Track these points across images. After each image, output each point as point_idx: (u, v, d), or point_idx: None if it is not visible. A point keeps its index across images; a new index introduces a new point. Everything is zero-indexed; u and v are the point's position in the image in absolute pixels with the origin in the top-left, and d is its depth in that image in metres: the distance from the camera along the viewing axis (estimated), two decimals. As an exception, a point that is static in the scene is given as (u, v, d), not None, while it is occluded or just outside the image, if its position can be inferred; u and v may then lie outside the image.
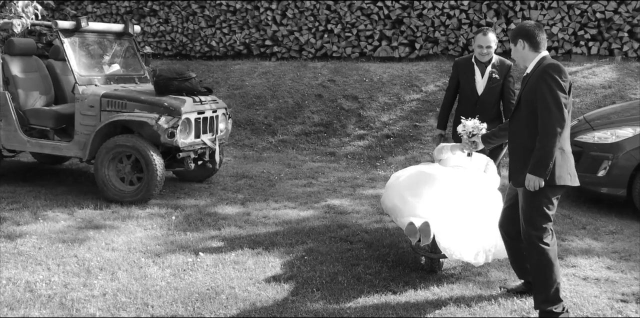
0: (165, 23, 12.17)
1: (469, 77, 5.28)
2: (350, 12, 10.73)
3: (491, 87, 5.22)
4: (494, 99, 5.28)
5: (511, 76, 5.30)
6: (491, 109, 5.25)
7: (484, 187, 4.41)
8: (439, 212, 4.10)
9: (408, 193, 4.32)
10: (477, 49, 5.17)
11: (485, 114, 5.07)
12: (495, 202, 4.31)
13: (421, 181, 4.36)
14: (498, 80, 5.22)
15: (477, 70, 5.25)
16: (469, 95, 5.29)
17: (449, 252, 3.94)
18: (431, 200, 4.19)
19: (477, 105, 5.22)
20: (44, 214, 5.60)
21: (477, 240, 4.01)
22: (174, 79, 6.32)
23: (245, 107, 9.91)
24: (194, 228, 5.34)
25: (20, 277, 4.11)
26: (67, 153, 6.49)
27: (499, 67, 5.24)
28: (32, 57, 7.18)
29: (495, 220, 4.05)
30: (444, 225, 4.00)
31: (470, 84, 5.28)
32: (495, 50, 5.22)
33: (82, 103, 6.29)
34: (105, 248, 4.76)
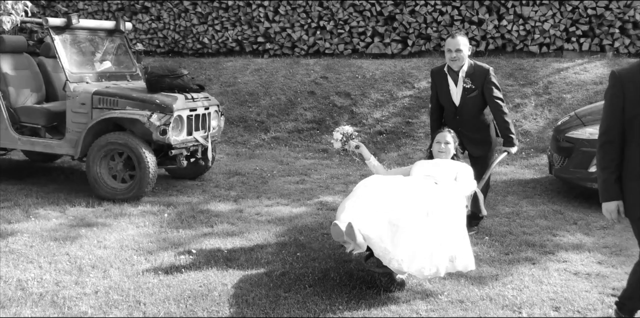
0: (157, 20, 12.13)
1: (443, 87, 4.89)
2: (343, 8, 10.72)
3: (468, 97, 4.79)
4: (475, 110, 4.86)
5: (491, 82, 4.78)
6: (473, 119, 4.89)
7: (437, 195, 3.95)
8: (373, 216, 3.72)
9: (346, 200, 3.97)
10: (447, 54, 4.73)
11: (468, 126, 4.88)
12: (453, 214, 3.90)
13: (359, 187, 4.07)
14: (473, 89, 4.76)
15: (450, 80, 4.84)
16: (448, 107, 4.94)
17: (385, 260, 3.58)
18: (365, 204, 3.81)
19: (457, 116, 4.89)
20: (35, 212, 5.58)
21: (424, 252, 3.62)
22: (165, 76, 6.31)
23: (238, 104, 9.89)
24: (186, 225, 5.33)
25: (12, 275, 4.10)
26: (58, 151, 6.46)
27: (474, 73, 4.77)
28: (22, 54, 7.14)
29: (452, 232, 3.75)
30: (378, 231, 3.63)
31: (446, 95, 4.89)
32: (468, 54, 4.76)
33: (74, 101, 6.26)
34: (97, 246, 4.75)
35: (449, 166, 4.41)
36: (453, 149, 4.58)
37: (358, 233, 3.62)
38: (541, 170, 7.38)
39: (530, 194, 6.41)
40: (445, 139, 4.57)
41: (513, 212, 5.77)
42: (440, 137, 4.60)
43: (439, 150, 4.56)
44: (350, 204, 3.85)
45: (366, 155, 4.75)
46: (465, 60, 4.72)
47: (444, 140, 4.56)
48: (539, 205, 6.01)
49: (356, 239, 3.61)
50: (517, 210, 5.82)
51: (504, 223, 5.42)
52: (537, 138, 8.33)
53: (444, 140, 4.56)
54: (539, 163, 7.69)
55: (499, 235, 5.08)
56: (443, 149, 4.54)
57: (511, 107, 8.93)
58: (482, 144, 5.00)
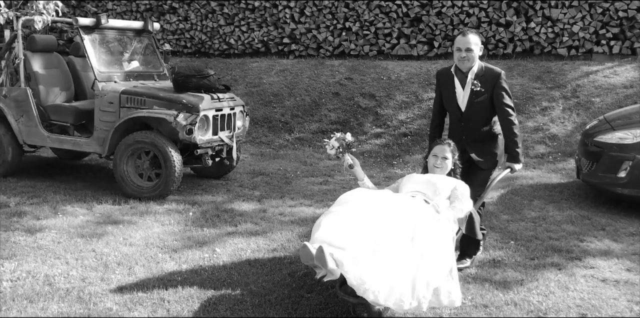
0: (184, 21, 12.24)
1: (449, 90, 4.41)
2: (369, 10, 10.70)
3: (475, 102, 4.30)
4: (482, 116, 4.36)
5: (502, 87, 4.29)
6: (480, 127, 4.38)
7: (425, 218, 3.58)
8: (350, 238, 3.33)
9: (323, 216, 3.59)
10: (456, 53, 4.27)
11: (474, 134, 4.40)
12: (442, 241, 3.50)
13: (340, 202, 3.72)
14: (482, 93, 4.27)
15: (457, 81, 4.35)
16: (453, 112, 4.46)
17: (360, 291, 3.16)
18: (342, 223, 3.43)
19: (462, 122, 4.40)
20: (63, 209, 5.67)
21: (404, 283, 3.21)
22: (192, 76, 6.36)
23: (263, 104, 9.93)
24: (210, 224, 5.37)
25: (40, 271, 4.17)
26: (86, 149, 6.56)
27: (484, 76, 4.27)
28: (53, 53, 7.26)
29: (439, 261, 3.35)
30: (354, 256, 3.23)
31: (451, 98, 4.40)
32: (479, 55, 4.28)
33: (102, 99, 6.35)
34: (123, 243, 4.81)
35: (444, 183, 3.98)
36: (451, 164, 4.15)
37: (330, 258, 3.18)
38: (568, 175, 7.27)
39: (556, 199, 6.31)
40: (443, 153, 4.13)
41: (539, 217, 5.69)
42: (438, 150, 4.16)
43: (435, 164, 4.13)
44: (327, 222, 3.45)
45: (359, 176, 4.26)
46: (476, 61, 4.27)
47: (442, 155, 4.13)
48: (565, 210, 5.92)
49: (327, 265, 3.18)
50: (543, 215, 5.75)
51: (529, 228, 5.35)
52: (565, 142, 8.21)
53: (441, 154, 4.14)
54: (566, 167, 7.58)
55: (524, 240, 5.02)
56: (439, 164, 4.12)
57: (538, 110, 8.82)
58: (488, 156, 4.44)
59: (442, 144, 4.17)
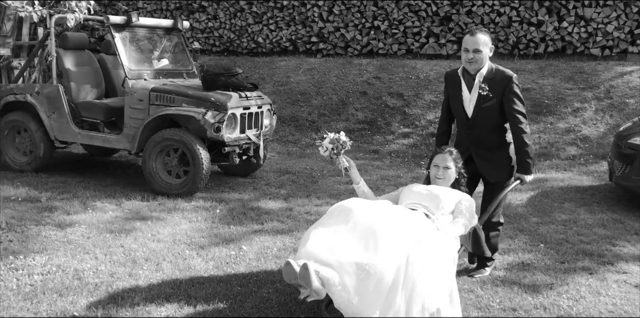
0: (213, 19, 12.32)
1: (456, 93, 4.09)
2: (398, 8, 10.64)
3: (483, 107, 3.97)
4: (490, 123, 4.03)
5: (513, 92, 3.95)
6: (488, 135, 4.06)
7: (425, 234, 3.29)
8: (339, 254, 3.07)
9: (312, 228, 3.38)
10: (463, 53, 3.94)
11: (481, 142, 4.07)
12: (441, 259, 3.24)
13: (332, 212, 3.44)
14: (490, 98, 3.93)
15: (464, 84, 4.02)
16: (460, 117, 4.13)
17: (347, 314, 3.03)
18: (331, 237, 3.20)
19: (469, 129, 4.07)
20: (93, 204, 5.75)
21: (397, 306, 3.01)
22: (221, 74, 6.39)
23: (290, 103, 9.95)
24: (237, 222, 5.39)
25: (69, 265, 4.23)
26: (116, 145, 6.64)
27: (493, 79, 3.93)
28: (84, 51, 7.37)
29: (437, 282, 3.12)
30: (342, 274, 3.00)
31: (458, 102, 4.08)
32: (489, 56, 3.95)
33: (132, 97, 6.42)
34: (151, 239, 4.85)
35: (448, 196, 3.71)
36: (454, 174, 3.85)
37: (315, 276, 2.97)
38: (600, 177, 7.12)
39: (588, 202, 6.19)
40: (445, 162, 3.83)
41: (570, 220, 5.58)
42: (439, 159, 3.86)
43: (437, 175, 3.84)
44: (315, 236, 3.23)
45: (355, 179, 4.01)
46: (485, 62, 3.93)
47: (444, 164, 3.83)
48: (597, 213, 5.80)
49: (312, 284, 2.97)
50: (574, 218, 5.64)
51: (560, 231, 5.26)
52: (597, 144, 8.05)
53: (443, 164, 3.84)
54: (598, 170, 7.43)
55: (554, 243, 4.93)
56: (441, 175, 3.83)
57: (570, 111, 8.67)
58: (497, 167, 4.12)
59: (443, 153, 3.88)
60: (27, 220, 5.14)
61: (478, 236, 3.78)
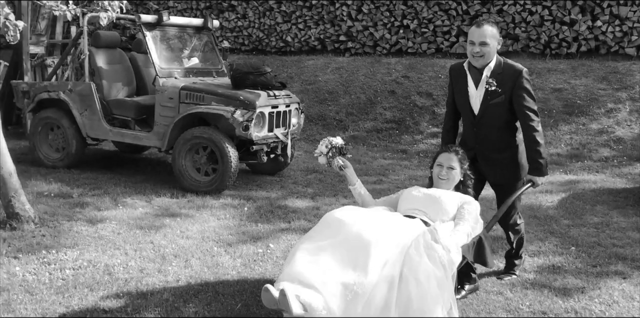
0: (242, 18, 12.39)
1: (461, 89, 3.83)
2: (428, 7, 10.56)
3: (490, 104, 3.71)
4: (498, 121, 3.77)
5: (523, 88, 3.68)
6: (496, 134, 3.80)
7: (421, 247, 3.05)
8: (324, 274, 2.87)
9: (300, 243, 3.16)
10: (469, 46, 3.67)
11: (489, 142, 3.81)
12: (437, 276, 2.97)
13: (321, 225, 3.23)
14: (499, 93, 3.67)
15: (470, 79, 3.77)
16: (466, 115, 3.88)
17: None
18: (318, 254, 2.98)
19: (476, 127, 3.82)
20: (123, 201, 5.83)
21: None
22: (250, 73, 6.43)
23: (318, 102, 9.95)
24: (264, 220, 5.41)
25: (100, 260, 4.29)
26: (146, 143, 6.72)
27: (502, 74, 3.67)
28: (116, 49, 7.47)
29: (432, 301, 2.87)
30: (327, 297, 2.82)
31: (464, 99, 3.83)
32: (497, 49, 3.69)
33: (162, 95, 6.49)
34: (180, 236, 4.90)
35: (449, 200, 3.46)
36: (459, 175, 3.61)
37: (295, 302, 2.77)
38: (634, 180, 6.97)
39: (621, 205, 6.06)
40: (449, 162, 3.59)
41: (602, 223, 5.47)
42: (443, 158, 3.62)
43: (440, 176, 3.59)
44: (300, 253, 3.02)
45: (351, 180, 3.82)
46: (493, 56, 3.66)
47: (448, 164, 3.59)
48: (631, 216, 5.67)
49: (292, 311, 2.78)
50: (606, 221, 5.52)
51: (591, 234, 5.16)
52: (631, 145, 7.88)
53: (447, 163, 3.59)
54: (632, 172, 7.27)
55: (586, 246, 4.83)
56: (444, 176, 3.58)
57: (603, 112, 8.50)
58: (507, 169, 3.87)
59: (449, 152, 3.64)
60: (59, 216, 5.24)
61: (482, 245, 3.41)
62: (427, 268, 2.96)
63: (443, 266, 3.03)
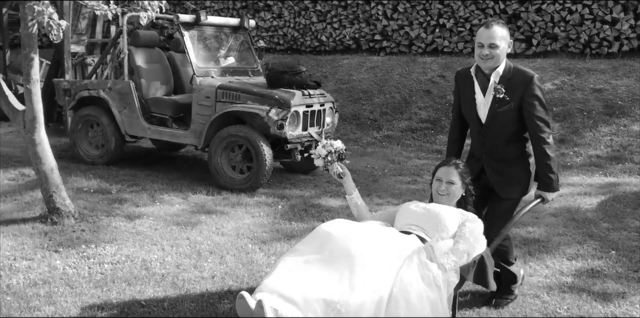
0: (278, 18, 12.45)
1: (468, 96, 3.58)
2: (464, 6, 10.44)
3: (498, 112, 3.45)
4: (507, 130, 3.49)
5: (534, 95, 3.41)
6: (505, 144, 3.53)
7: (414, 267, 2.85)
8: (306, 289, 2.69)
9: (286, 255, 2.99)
10: (477, 49, 3.43)
11: (497, 152, 3.55)
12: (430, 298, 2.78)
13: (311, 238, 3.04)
14: (507, 101, 3.41)
15: (477, 85, 3.52)
16: (473, 123, 3.62)
17: None
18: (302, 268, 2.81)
19: (484, 137, 3.56)
20: (160, 197, 5.92)
21: None
22: (285, 72, 6.46)
23: (352, 101, 9.94)
24: (298, 218, 5.43)
25: (138, 255, 4.37)
26: (183, 140, 6.82)
27: (511, 80, 3.42)
28: (154, 48, 7.60)
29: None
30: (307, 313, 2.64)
31: (470, 106, 3.58)
32: (507, 52, 3.46)
33: (199, 94, 6.57)
34: (215, 232, 4.96)
35: (450, 216, 3.21)
36: (460, 190, 3.36)
37: (271, 316, 2.59)
38: (677, 183, 6.78)
39: (663, 208, 5.90)
40: (449, 176, 3.35)
41: (643, 226, 5.34)
42: (442, 172, 3.38)
43: (439, 191, 3.35)
44: (283, 265, 2.84)
45: (348, 189, 3.61)
46: (502, 60, 3.43)
47: (447, 179, 3.35)
48: (674, 220, 5.52)
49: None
50: (648, 225, 5.39)
51: (633, 238, 5.03)
52: (674, 147, 7.66)
53: (446, 178, 3.35)
54: (674, 175, 7.07)
55: (627, 250, 4.72)
56: (444, 191, 3.34)
57: (645, 113, 8.28)
58: (512, 182, 3.59)
59: (448, 165, 3.39)
60: (98, 211, 5.35)
61: (484, 266, 3.13)
62: (419, 289, 2.76)
63: (438, 287, 2.81)
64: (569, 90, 8.79)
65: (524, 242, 4.88)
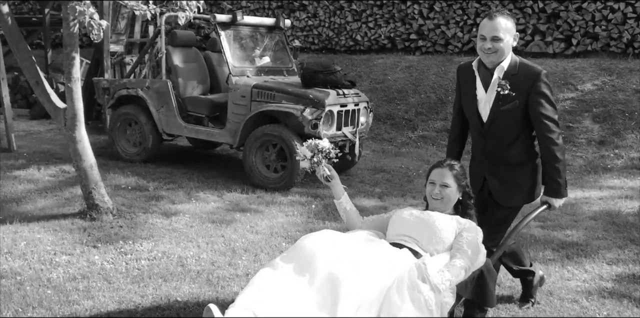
0: (313, 17, 12.47)
1: (469, 92, 3.31)
2: (502, 5, 10.28)
3: (502, 110, 3.17)
4: (511, 130, 3.21)
5: (540, 92, 3.14)
6: (508, 145, 3.24)
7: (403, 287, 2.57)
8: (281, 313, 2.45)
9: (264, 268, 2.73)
10: (479, 42, 3.15)
11: (500, 154, 3.26)
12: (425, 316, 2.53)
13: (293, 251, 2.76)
14: (512, 98, 3.13)
15: (479, 81, 3.26)
16: (473, 122, 3.34)
17: None
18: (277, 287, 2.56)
19: (484, 138, 3.28)
20: (196, 195, 6.00)
21: None
22: (319, 72, 6.47)
23: (386, 101, 9.89)
24: (332, 217, 5.43)
25: (174, 252, 4.43)
26: (219, 139, 6.89)
27: (517, 76, 3.14)
28: (191, 48, 7.69)
29: None
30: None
31: (471, 103, 3.30)
32: (513, 46, 3.17)
33: (235, 93, 6.63)
34: (249, 230, 5.00)
35: (445, 226, 2.91)
36: (455, 194, 3.04)
37: None
38: None
39: None
40: (442, 179, 3.02)
41: (687, 231, 5.18)
42: (435, 175, 3.06)
43: (432, 195, 3.04)
44: (261, 283, 2.57)
45: (336, 193, 3.30)
46: (507, 54, 3.15)
47: (441, 181, 3.02)
48: None
49: None
50: (692, 229, 5.22)
51: (676, 243, 4.89)
52: None
53: (440, 180, 3.03)
54: None
55: (669, 255, 4.59)
56: (437, 195, 3.02)
57: (690, 114, 8.03)
58: (514, 189, 3.31)
59: (441, 167, 3.07)
60: (135, 208, 5.45)
61: (484, 281, 2.85)
62: (409, 313, 2.50)
63: (430, 311, 2.54)
64: (610, 91, 8.57)
65: (562, 245, 4.78)
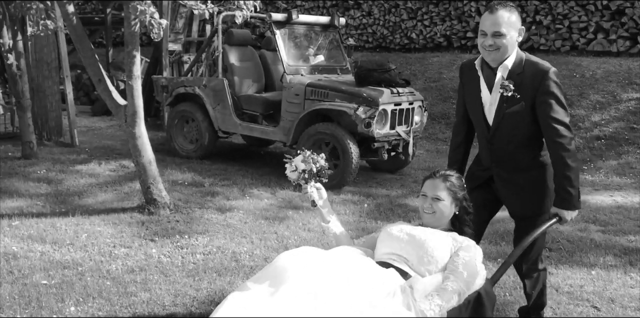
0: (367, 16, 12.43)
1: (473, 93, 3.02)
2: (563, 2, 9.98)
3: (507, 113, 2.88)
4: (518, 134, 2.92)
5: (550, 92, 2.81)
6: (516, 151, 2.95)
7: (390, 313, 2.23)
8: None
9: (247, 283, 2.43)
10: (480, 38, 2.87)
11: (508, 160, 2.98)
12: None
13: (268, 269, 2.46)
14: (517, 100, 2.84)
15: (483, 81, 2.96)
16: (478, 125, 3.05)
17: None
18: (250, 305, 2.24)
19: (491, 143, 2.99)
20: (250, 192, 6.08)
21: None
22: (374, 70, 6.45)
23: (441, 100, 9.76)
24: (384, 217, 5.41)
25: (228, 247, 4.51)
26: (272, 137, 6.96)
27: (522, 75, 2.84)
28: (247, 47, 7.80)
29: None
30: None
31: (475, 105, 3.01)
32: (518, 42, 2.86)
33: (289, 91, 6.68)
34: (302, 228, 5.03)
35: (439, 244, 2.56)
36: (449, 208, 2.70)
37: None
38: None
39: None
40: (434, 191, 2.70)
41: None
42: (427, 187, 2.73)
43: (424, 209, 2.72)
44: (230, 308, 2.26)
45: (324, 217, 2.97)
46: (511, 51, 2.84)
47: (432, 194, 2.70)
48: None
49: None
50: None
51: None
52: None
53: (432, 193, 2.70)
54: None
55: None
56: (429, 209, 2.70)
57: None
58: (530, 197, 3.01)
59: (433, 178, 2.74)
60: (191, 203, 5.57)
61: (482, 305, 2.52)
62: None
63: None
64: (678, 91, 8.22)
65: (624, 251, 4.61)
